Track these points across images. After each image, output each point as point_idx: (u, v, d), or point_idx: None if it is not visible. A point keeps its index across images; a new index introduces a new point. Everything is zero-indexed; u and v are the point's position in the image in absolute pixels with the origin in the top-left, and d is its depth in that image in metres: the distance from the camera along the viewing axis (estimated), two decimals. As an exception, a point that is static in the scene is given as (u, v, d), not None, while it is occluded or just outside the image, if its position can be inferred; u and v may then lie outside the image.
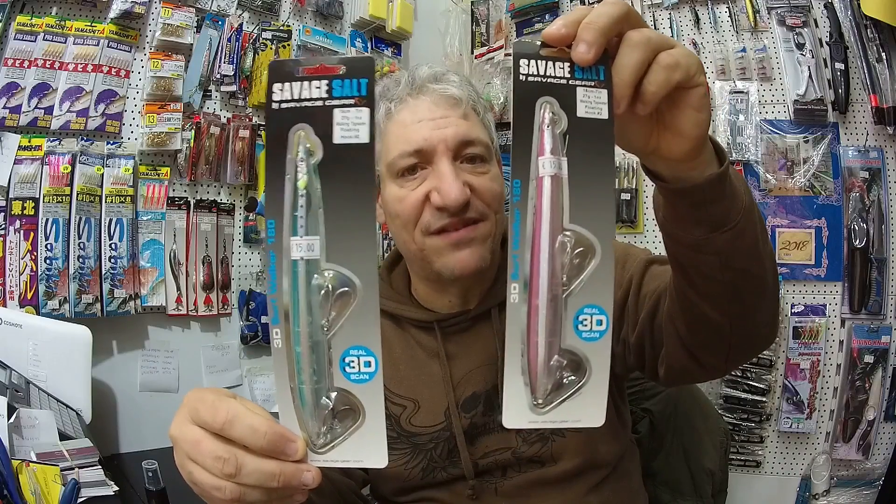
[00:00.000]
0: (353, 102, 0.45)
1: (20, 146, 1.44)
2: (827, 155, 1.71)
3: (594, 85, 0.46)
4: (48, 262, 1.46)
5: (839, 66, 1.66)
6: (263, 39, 1.82)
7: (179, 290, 1.69)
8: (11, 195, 1.44)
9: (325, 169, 0.45)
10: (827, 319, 1.71)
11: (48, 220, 1.46)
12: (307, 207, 0.45)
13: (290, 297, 0.46)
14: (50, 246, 1.46)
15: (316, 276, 0.46)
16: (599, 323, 0.47)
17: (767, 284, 0.63)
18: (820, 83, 1.70)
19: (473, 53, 2.26)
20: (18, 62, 1.46)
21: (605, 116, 0.46)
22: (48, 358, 1.31)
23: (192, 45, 1.68)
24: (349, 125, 0.45)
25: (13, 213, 1.44)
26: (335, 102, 0.45)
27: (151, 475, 1.08)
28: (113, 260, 1.55)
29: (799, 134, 1.74)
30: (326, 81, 0.45)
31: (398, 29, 2.11)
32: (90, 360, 1.36)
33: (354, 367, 0.47)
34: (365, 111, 0.45)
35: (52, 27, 1.49)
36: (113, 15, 1.55)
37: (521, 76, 0.46)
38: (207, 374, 1.74)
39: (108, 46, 1.56)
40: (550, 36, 0.46)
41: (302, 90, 0.45)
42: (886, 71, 1.60)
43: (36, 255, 1.45)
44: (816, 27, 1.72)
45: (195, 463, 0.48)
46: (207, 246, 1.74)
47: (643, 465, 0.99)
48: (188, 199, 1.71)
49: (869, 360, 1.66)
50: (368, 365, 0.47)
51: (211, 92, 1.76)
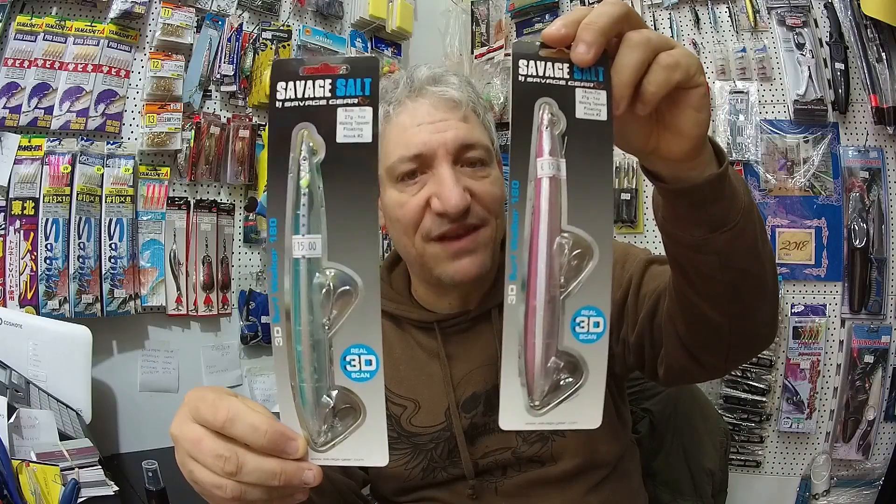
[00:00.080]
0: (356, 102, 0.45)
1: (20, 146, 1.45)
2: (827, 155, 1.71)
3: (593, 86, 0.46)
4: (48, 262, 1.46)
5: (839, 66, 1.66)
6: (263, 39, 1.82)
7: (179, 290, 1.69)
8: (11, 195, 1.44)
9: (327, 168, 0.45)
10: (827, 319, 1.71)
11: (48, 220, 1.46)
12: (309, 206, 0.45)
13: (291, 295, 0.46)
14: (50, 246, 1.46)
15: (317, 274, 0.46)
16: (597, 325, 0.47)
17: (767, 284, 0.63)
18: (820, 83, 1.70)
19: (473, 53, 2.26)
20: (18, 62, 1.46)
21: (604, 118, 0.46)
22: (48, 358, 1.31)
23: (192, 45, 1.68)
24: (352, 124, 0.45)
25: (13, 213, 1.44)
26: (339, 102, 0.45)
27: (151, 475, 1.08)
28: (113, 260, 1.55)
29: (799, 134, 1.74)
30: (330, 80, 0.45)
31: (398, 29, 2.12)
32: (90, 360, 1.36)
33: (355, 365, 0.47)
34: (368, 110, 0.45)
35: (52, 27, 1.49)
36: (113, 15, 1.56)
37: (520, 77, 0.45)
38: (207, 374, 1.74)
39: (108, 46, 1.56)
40: (550, 36, 0.46)
41: (305, 89, 0.45)
42: (886, 71, 1.60)
43: (36, 255, 1.45)
44: (816, 27, 1.72)
45: (196, 461, 0.48)
46: (207, 246, 1.74)
47: (643, 465, 0.99)
48: (188, 199, 1.71)
49: (869, 360, 1.66)
50: (369, 363, 0.47)
51: (211, 92, 1.76)
